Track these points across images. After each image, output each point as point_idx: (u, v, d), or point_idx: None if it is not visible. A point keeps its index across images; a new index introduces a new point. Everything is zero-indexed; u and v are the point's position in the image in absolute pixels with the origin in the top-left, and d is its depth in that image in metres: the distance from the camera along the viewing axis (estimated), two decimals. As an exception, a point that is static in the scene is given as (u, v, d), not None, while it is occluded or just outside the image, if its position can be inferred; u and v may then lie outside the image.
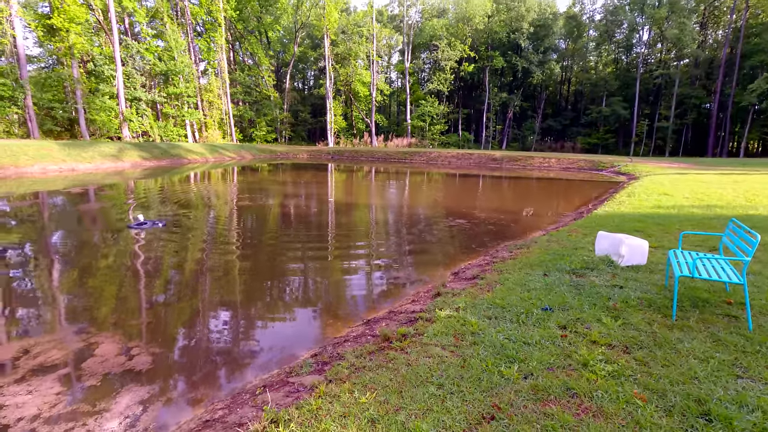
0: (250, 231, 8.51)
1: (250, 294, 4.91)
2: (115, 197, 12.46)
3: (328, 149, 40.91)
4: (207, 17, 38.40)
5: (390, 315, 3.96)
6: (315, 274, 5.71)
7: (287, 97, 48.22)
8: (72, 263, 5.86)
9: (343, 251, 6.95)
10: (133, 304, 4.51)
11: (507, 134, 50.45)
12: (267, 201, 12.34)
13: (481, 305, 3.77)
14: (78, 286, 5.02)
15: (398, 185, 18.31)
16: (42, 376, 3.05)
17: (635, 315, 3.47)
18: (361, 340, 3.36)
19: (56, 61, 31.93)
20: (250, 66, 48.33)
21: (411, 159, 34.48)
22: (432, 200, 13.76)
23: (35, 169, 17.93)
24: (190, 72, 35.00)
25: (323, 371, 2.84)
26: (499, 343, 2.99)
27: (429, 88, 48.14)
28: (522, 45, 46.00)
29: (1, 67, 26.56)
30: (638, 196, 11.76)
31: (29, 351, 3.42)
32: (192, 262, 6.12)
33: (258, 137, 45.16)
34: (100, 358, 3.35)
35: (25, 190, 13.11)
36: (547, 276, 4.61)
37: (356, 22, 46.30)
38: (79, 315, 4.19)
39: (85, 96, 28.62)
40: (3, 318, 4.06)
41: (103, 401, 2.79)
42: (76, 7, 25.96)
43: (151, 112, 33.21)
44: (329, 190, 15.97)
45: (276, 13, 46.10)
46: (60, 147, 20.96)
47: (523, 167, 29.29)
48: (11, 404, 2.72)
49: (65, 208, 10.23)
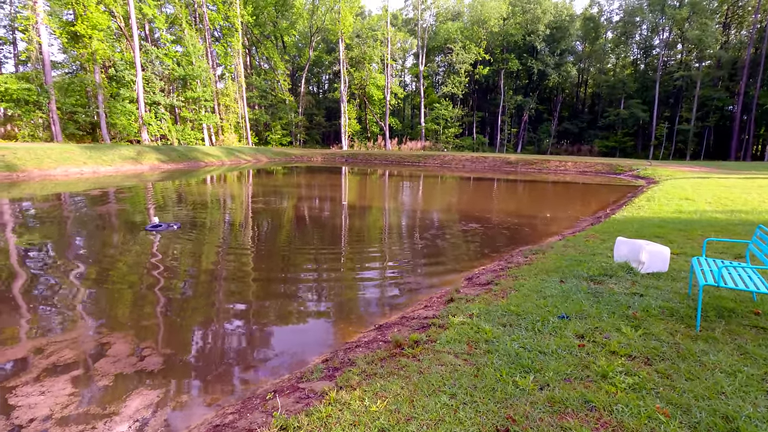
0: (263, 234, 8.55)
1: (262, 297, 4.91)
2: (133, 199, 12.69)
3: (342, 152, 41.07)
4: (224, 23, 39.02)
5: (402, 320, 3.90)
6: (327, 278, 5.68)
7: (302, 100, 48.62)
8: (87, 264, 5.95)
9: (355, 255, 6.92)
10: (146, 305, 4.54)
11: (522, 137, 49.93)
12: (281, 204, 12.40)
13: (495, 312, 3.68)
14: (92, 286, 5.09)
15: (412, 188, 18.24)
16: (55, 377, 3.08)
17: (657, 325, 3.34)
18: (373, 345, 3.30)
19: (79, 67, 32.79)
20: (266, 70, 48.93)
21: (425, 162, 34.36)
22: (445, 204, 13.64)
23: (58, 172, 18.42)
24: (208, 76, 35.58)
25: (334, 377, 2.79)
26: (514, 352, 2.90)
27: (443, 91, 47.98)
28: (538, 47, 45.53)
29: (27, 72, 27.44)
30: (658, 200, 11.46)
31: (43, 350, 3.46)
32: (205, 264, 6.15)
33: (273, 140, 45.63)
34: (113, 358, 3.36)
35: (48, 192, 13.45)
36: (563, 283, 4.49)
37: (371, 26, 46.50)
38: (92, 315, 4.24)
39: (107, 100, 29.34)
40: (19, 317, 4.12)
41: (113, 403, 2.79)
42: (99, 14, 26.65)
43: (170, 116, 33.85)
44: (343, 193, 15.99)
45: (292, 18, 46.60)
46: (82, 150, 21.50)
47: (539, 171, 28.90)
48: (24, 405, 2.74)
49: (84, 210, 10.45)
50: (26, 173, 17.18)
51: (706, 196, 11.83)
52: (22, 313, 4.24)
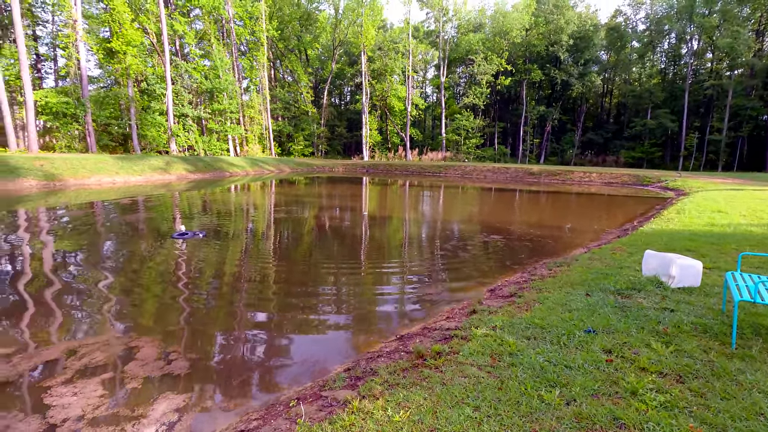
0: (285, 243, 8.68)
1: (284, 305, 4.97)
2: (160, 208, 13.10)
3: (363, 163, 41.40)
4: (250, 37, 40.22)
5: (424, 331, 3.88)
6: (348, 288, 5.71)
7: (324, 112, 49.43)
8: (117, 270, 6.17)
9: (376, 265, 6.93)
10: (172, 310, 4.66)
11: (545, 148, 49.27)
12: (303, 213, 12.57)
13: (519, 325, 3.62)
14: (122, 291, 5.26)
15: (432, 199, 18.20)
16: (87, 378, 3.19)
17: (689, 341, 3.22)
18: (395, 356, 3.29)
19: (114, 81, 34.32)
20: (289, 83, 50.08)
21: (445, 173, 34.28)
22: (466, 215, 13.55)
23: (92, 181, 19.21)
24: (234, 89, 36.65)
25: (356, 386, 2.80)
26: (539, 366, 2.85)
27: (464, 102, 47.95)
28: (561, 57, 45.12)
29: (65, 87, 28.89)
30: (689, 213, 11.08)
31: (76, 352, 3.59)
32: (228, 272, 6.28)
33: (296, 151, 46.45)
34: (141, 361, 3.46)
35: (82, 200, 14.03)
36: (589, 296, 4.38)
37: (392, 39, 47.10)
38: (122, 319, 4.38)
39: (138, 113, 30.56)
40: (54, 319, 4.30)
41: (141, 406, 2.87)
42: (133, 31, 27.93)
43: (197, 128, 34.95)
44: (363, 203, 16.09)
45: (315, 31, 47.70)
46: (114, 160, 22.40)
47: (563, 182, 28.41)
48: (58, 405, 2.84)
49: (115, 218, 10.84)
50: (63, 182, 17.98)
51: (740, 209, 11.37)
52: (56, 315, 4.42)
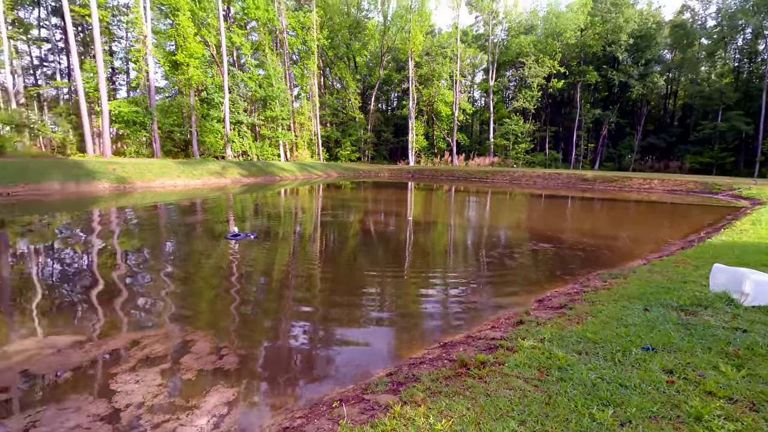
0: (330, 246, 8.86)
1: (328, 307, 5.06)
2: (216, 210, 13.84)
3: (408, 168, 41.46)
4: (302, 47, 41.71)
5: (467, 340, 3.80)
6: (391, 292, 5.72)
7: (371, 117, 50.12)
8: (176, 267, 6.58)
9: (419, 270, 6.90)
10: (224, 307, 4.89)
11: (600, 153, 46.87)
12: (348, 217, 12.78)
13: (569, 338, 3.45)
14: (180, 287, 5.60)
15: (478, 205, 17.85)
16: (147, 368, 3.42)
17: (764, 366, 2.91)
18: (437, 363, 3.25)
19: (177, 91, 36.85)
20: (338, 89, 51.32)
21: (493, 178, 33.52)
22: (514, 221, 13.15)
23: (156, 184, 20.69)
24: (285, 97, 38.13)
25: (398, 392, 2.79)
26: (591, 383, 2.69)
27: (514, 106, 46.75)
28: (619, 57, 42.81)
29: (136, 97, 31.43)
30: (766, 224, 10.07)
31: (139, 343, 3.86)
32: (277, 273, 6.51)
33: (343, 156, 47.43)
34: (195, 354, 3.66)
35: (147, 201, 15.14)
36: (648, 311, 4.09)
37: (440, 44, 46.95)
38: (179, 313, 4.66)
39: (198, 120, 32.61)
40: (121, 311, 4.65)
41: (195, 397, 3.03)
42: (196, 44, 29.88)
43: (251, 134, 36.70)
44: (408, 208, 16.09)
45: (364, 39, 48.64)
46: (176, 165, 24.00)
47: (620, 189, 26.85)
48: (122, 391, 3.07)
49: (175, 219, 11.61)
50: (131, 185, 19.51)
51: (829, 221, 10.19)
52: (122, 308, 4.78)
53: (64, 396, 3.02)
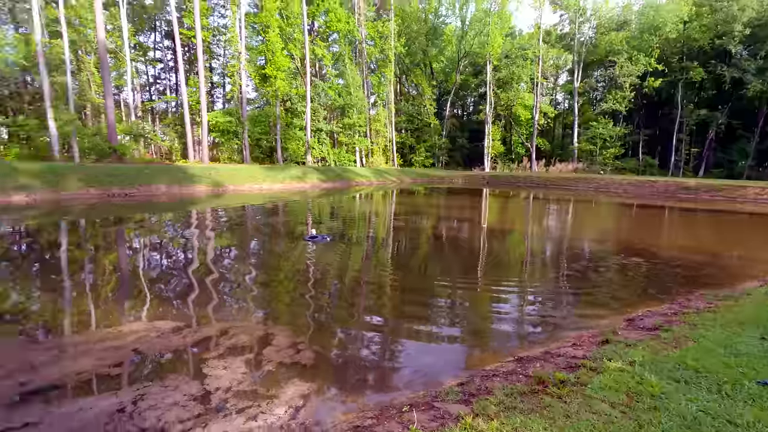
0: (402, 251, 8.92)
1: (399, 311, 5.10)
2: (296, 212, 14.68)
3: (483, 174, 40.41)
4: (380, 55, 42.78)
5: (545, 356, 3.59)
6: (463, 301, 5.60)
7: (446, 123, 49.70)
8: (259, 265, 7.09)
9: (493, 280, 6.67)
10: (300, 306, 5.15)
11: (706, 158, 41.60)
12: (421, 223, 12.79)
13: (664, 363, 3.10)
14: (262, 283, 6.03)
15: (559, 213, 16.80)
16: (234, 356, 3.71)
17: None
18: (512, 377, 3.11)
19: (265, 102, 39.80)
20: (413, 96, 51.69)
21: (576, 186, 31.37)
22: (600, 232, 12.18)
23: (245, 188, 22.58)
24: (363, 105, 39.38)
25: (470, 402, 2.72)
26: (691, 416, 2.39)
27: (602, 108, 43.31)
28: (732, 51, 37.72)
29: (230, 109, 34.58)
30: None
31: (227, 332, 4.21)
32: (350, 276, 6.70)
33: (417, 162, 47.62)
34: (276, 347, 3.90)
35: (237, 203, 16.54)
36: (766, 339, 3.54)
37: (521, 46, 45.18)
38: (261, 307, 5.01)
39: (282, 129, 34.95)
40: (212, 302, 5.11)
41: (274, 387, 3.22)
42: (283, 58, 32.08)
43: (329, 141, 38.45)
44: (482, 215, 15.65)
45: (441, 45, 48.52)
46: (262, 170, 25.99)
47: (730, 199, 23.60)
48: (212, 376, 3.37)
49: (260, 219, 12.57)
50: (224, 188, 21.51)
51: None
52: (213, 299, 5.25)
53: (165, 374, 3.40)
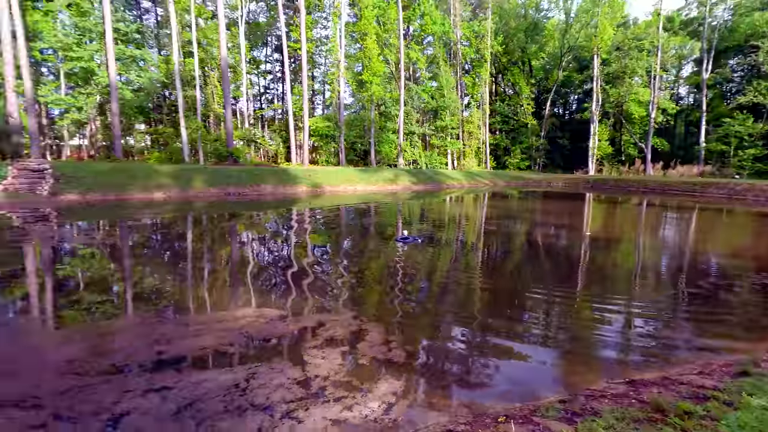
0: (494, 257, 8.62)
1: (492, 318, 4.93)
2: (388, 213, 15.04)
3: (587, 177, 37.25)
4: (475, 55, 41.88)
5: (664, 381, 3.18)
6: (562, 313, 5.21)
7: (545, 123, 46.79)
8: (354, 263, 7.39)
9: (597, 293, 6.10)
10: (392, 304, 5.25)
11: None
12: (513, 228, 12.24)
13: (826, 408, 2.55)
14: (357, 281, 6.27)
15: (680, 223, 14.76)
16: (331, 347, 3.93)
17: None
18: (623, 401, 2.82)
19: (361, 107, 41.47)
20: (510, 96, 49.62)
21: (702, 191, 27.28)
22: (734, 246, 10.45)
23: (340, 189, 23.85)
24: (456, 106, 38.91)
25: (574, 422, 2.53)
26: None
27: (739, 102, 37.09)
28: None
29: (329, 114, 36.73)
30: None
31: (324, 324, 4.47)
32: (440, 279, 6.66)
33: (511, 164, 45.64)
34: (369, 343, 4.04)
35: (333, 203, 17.51)
36: None
37: (636, 36, 40.68)
38: (356, 303, 5.22)
39: (376, 132, 36.07)
40: (311, 296, 5.47)
41: (368, 381, 3.34)
42: (378, 63, 33.13)
43: (421, 143, 38.68)
44: (585, 222, 14.42)
45: (542, 41, 45.82)
46: (356, 172, 27.20)
47: None
48: (312, 363, 3.60)
49: (353, 219, 13.18)
50: (322, 189, 22.99)
51: None
52: (311, 292, 5.62)
53: (272, 357, 3.72)
